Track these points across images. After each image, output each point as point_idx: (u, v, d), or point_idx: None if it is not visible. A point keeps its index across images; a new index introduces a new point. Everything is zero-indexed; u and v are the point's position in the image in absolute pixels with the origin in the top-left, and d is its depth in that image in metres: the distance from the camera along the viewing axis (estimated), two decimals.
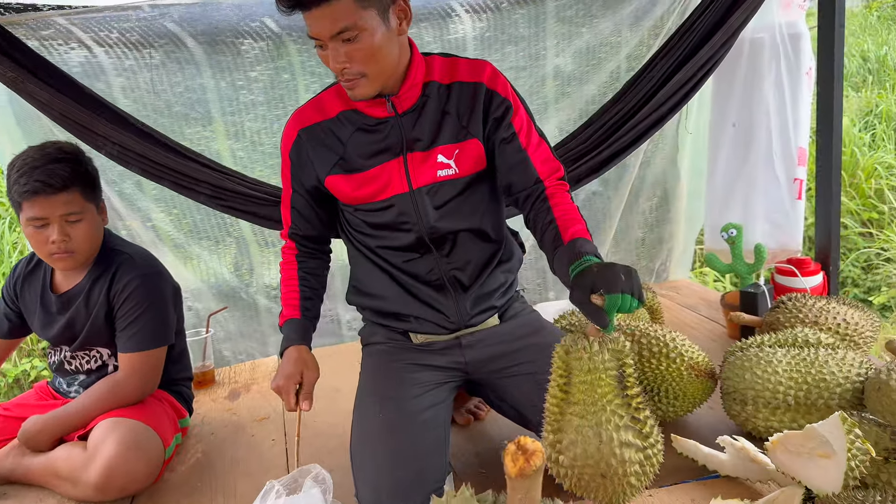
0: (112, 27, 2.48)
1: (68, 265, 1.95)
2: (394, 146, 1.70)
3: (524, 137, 1.72)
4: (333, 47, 1.52)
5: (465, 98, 1.71)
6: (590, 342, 1.35)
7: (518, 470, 0.76)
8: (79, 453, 1.88)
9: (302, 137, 1.75)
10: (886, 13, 12.05)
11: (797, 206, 2.84)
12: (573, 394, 1.36)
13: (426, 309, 1.80)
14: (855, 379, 1.74)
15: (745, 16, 2.41)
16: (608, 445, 1.31)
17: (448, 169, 1.72)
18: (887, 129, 6.84)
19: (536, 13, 2.94)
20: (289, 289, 1.85)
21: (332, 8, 1.47)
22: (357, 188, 1.73)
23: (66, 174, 1.86)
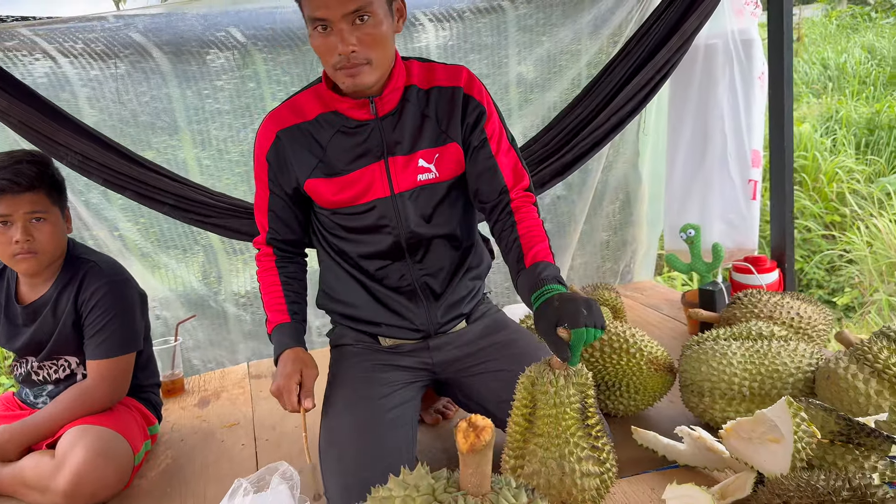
0: (77, 38, 2.49)
1: (31, 266, 1.94)
2: (375, 149, 1.70)
3: (495, 144, 1.75)
4: (343, 29, 1.50)
5: (444, 102, 1.72)
6: (555, 375, 1.39)
7: (469, 445, 0.79)
8: (47, 461, 1.87)
9: (281, 139, 1.72)
10: (845, 22, 12.37)
11: (752, 206, 2.93)
12: (538, 425, 1.39)
13: (396, 317, 1.82)
14: (806, 369, 1.80)
15: (698, 21, 2.49)
16: (570, 476, 1.36)
17: (429, 173, 1.73)
18: (847, 133, 6.99)
19: (498, 22, 3.01)
20: (272, 295, 1.82)
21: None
22: (338, 192, 1.72)
23: (32, 174, 1.88)
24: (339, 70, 1.56)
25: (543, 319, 1.45)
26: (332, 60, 1.55)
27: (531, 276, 1.58)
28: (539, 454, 1.36)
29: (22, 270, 1.97)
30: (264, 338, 3.08)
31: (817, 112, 7.83)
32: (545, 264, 1.60)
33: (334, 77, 1.60)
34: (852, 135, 6.99)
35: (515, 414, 1.43)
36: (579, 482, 1.35)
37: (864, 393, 1.66)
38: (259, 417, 2.38)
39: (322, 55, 1.57)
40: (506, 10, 2.98)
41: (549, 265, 1.60)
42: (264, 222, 1.83)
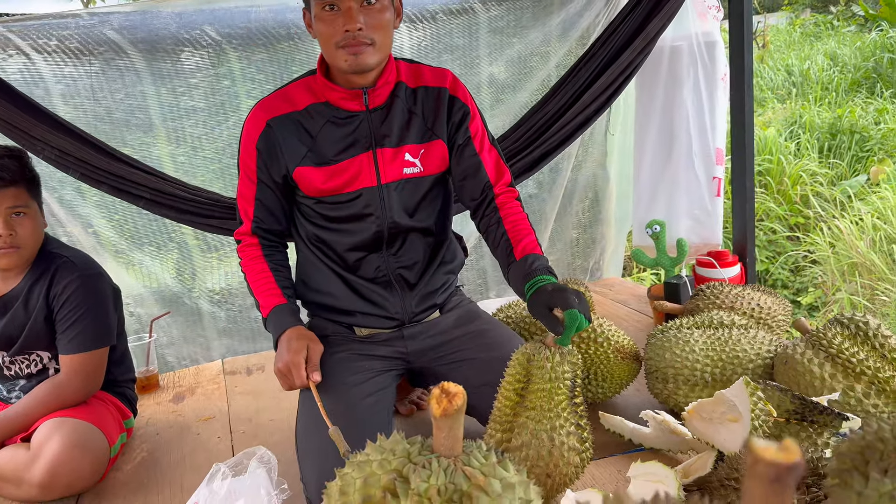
0: (51, 35, 2.50)
1: (13, 261, 1.95)
2: (363, 140, 1.76)
3: (478, 142, 1.84)
4: (351, 7, 1.57)
5: (430, 101, 1.80)
6: (551, 352, 1.45)
7: (442, 410, 0.84)
8: (22, 454, 1.87)
9: (271, 126, 1.75)
10: (809, 30, 12.67)
11: (716, 202, 3.03)
12: (530, 399, 1.45)
13: (371, 306, 1.87)
14: (765, 355, 1.88)
15: (661, 23, 2.57)
16: (559, 449, 1.43)
17: (414, 167, 1.80)
18: (811, 138, 7.14)
19: (470, 24, 3.07)
20: (263, 281, 1.83)
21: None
22: (326, 179, 1.76)
23: (14, 168, 1.90)
24: (343, 48, 1.62)
25: (538, 304, 1.55)
26: (336, 39, 1.61)
27: (522, 268, 1.68)
28: (530, 426, 1.42)
29: (4, 265, 1.97)
30: (238, 335, 3.10)
31: (782, 117, 8.01)
32: (535, 256, 1.70)
33: (335, 57, 1.65)
34: (815, 139, 7.16)
35: (506, 388, 1.48)
36: (566, 455, 1.41)
37: (819, 376, 1.74)
38: (235, 411, 2.41)
39: (326, 36, 1.62)
40: (477, 12, 3.04)
41: (538, 257, 1.70)
42: (250, 212, 1.85)
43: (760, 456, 0.38)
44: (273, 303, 1.80)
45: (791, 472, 0.38)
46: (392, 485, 0.84)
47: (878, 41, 9.16)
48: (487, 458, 0.88)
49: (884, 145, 6.84)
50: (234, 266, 3.06)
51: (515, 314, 2.35)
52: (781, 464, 0.37)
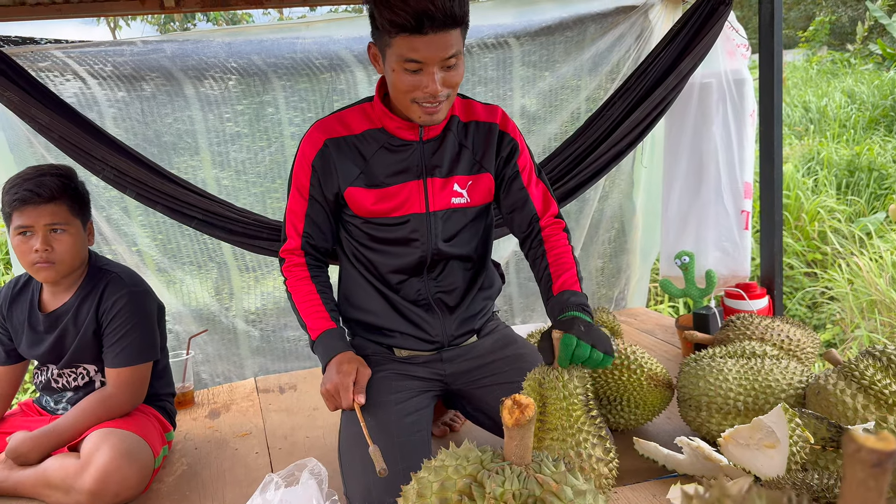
0: (107, 61, 2.61)
1: (49, 276, 2.00)
2: (415, 168, 1.83)
3: (526, 176, 1.90)
4: (434, 72, 1.61)
5: (481, 136, 1.87)
6: (559, 371, 1.52)
7: (514, 420, 0.90)
8: (72, 462, 1.92)
9: (329, 146, 1.82)
10: (826, 67, 12.76)
11: (745, 235, 3.09)
12: (549, 421, 1.51)
13: (412, 327, 1.92)
14: (797, 385, 1.92)
15: (694, 62, 2.65)
16: (588, 462, 1.48)
17: (461, 198, 1.86)
18: (828, 174, 7.16)
19: (504, 58, 3.16)
20: (311, 304, 1.86)
21: (448, 35, 1.59)
22: (377, 202, 1.83)
23: (55, 186, 1.97)
24: (419, 104, 1.67)
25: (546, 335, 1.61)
26: (414, 95, 1.66)
27: (558, 303, 1.74)
28: (556, 448, 1.47)
29: (41, 279, 2.03)
30: (271, 354, 3.16)
31: (799, 153, 8.04)
32: (571, 293, 1.76)
33: (408, 109, 1.71)
34: (833, 175, 7.18)
35: None
36: (596, 468, 1.46)
37: (852, 407, 1.77)
38: (270, 428, 2.46)
39: (404, 90, 1.66)
40: (511, 47, 3.14)
41: (575, 293, 1.76)
42: (299, 227, 1.90)
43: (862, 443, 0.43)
44: (322, 326, 1.83)
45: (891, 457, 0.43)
46: (468, 489, 0.90)
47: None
48: (557, 467, 0.93)
49: None
50: (269, 287, 3.13)
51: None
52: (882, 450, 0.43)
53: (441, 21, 1.56)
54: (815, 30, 14.32)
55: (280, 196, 2.99)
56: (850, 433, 0.45)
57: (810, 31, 14.44)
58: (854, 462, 0.45)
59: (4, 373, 2.19)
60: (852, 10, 15.99)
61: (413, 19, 1.54)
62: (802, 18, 18.06)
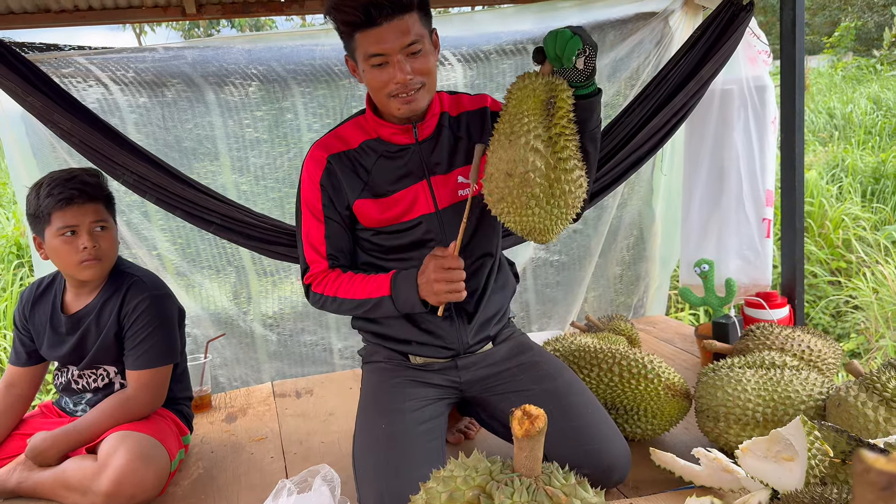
0: (129, 67, 2.65)
1: (96, 273, 2.05)
2: (416, 170, 1.84)
3: None
4: (399, 60, 1.63)
5: (474, 122, 1.89)
6: (554, 78, 1.55)
7: (524, 431, 0.89)
8: (90, 464, 1.94)
9: (332, 163, 1.84)
10: (850, 73, 12.61)
11: (766, 243, 3.05)
12: (506, 110, 1.58)
13: (428, 335, 1.91)
14: (817, 397, 1.89)
15: (714, 67, 2.63)
16: (519, 146, 1.52)
17: (467, 188, 1.86)
18: (853, 181, 7.07)
19: (521, 63, 3.16)
20: (361, 281, 1.83)
21: (403, 21, 1.61)
22: (384, 210, 1.83)
23: (95, 185, 2.04)
24: (395, 97, 1.69)
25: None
26: (388, 90, 1.68)
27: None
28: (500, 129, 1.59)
29: (87, 277, 2.06)
30: (288, 358, 3.18)
31: (823, 160, 7.95)
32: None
33: (387, 105, 1.73)
34: (858, 183, 7.08)
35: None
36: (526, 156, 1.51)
37: (874, 420, 1.74)
38: (286, 433, 2.47)
39: (378, 87, 1.69)
40: (529, 53, 3.13)
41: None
42: (322, 250, 1.88)
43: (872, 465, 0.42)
44: (383, 279, 1.80)
45: None
46: (476, 500, 0.89)
47: None
48: (567, 479, 0.92)
49: None
50: (287, 291, 3.15)
51: (563, 347, 2.39)
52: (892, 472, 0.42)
53: (389, 8, 1.59)
54: (840, 35, 14.15)
55: None
56: (859, 453, 0.44)
57: (835, 36, 14.27)
58: (863, 484, 0.44)
59: (24, 374, 2.22)
60: (879, 15, 15.78)
61: (362, 14, 1.58)
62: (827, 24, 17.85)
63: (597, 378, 2.10)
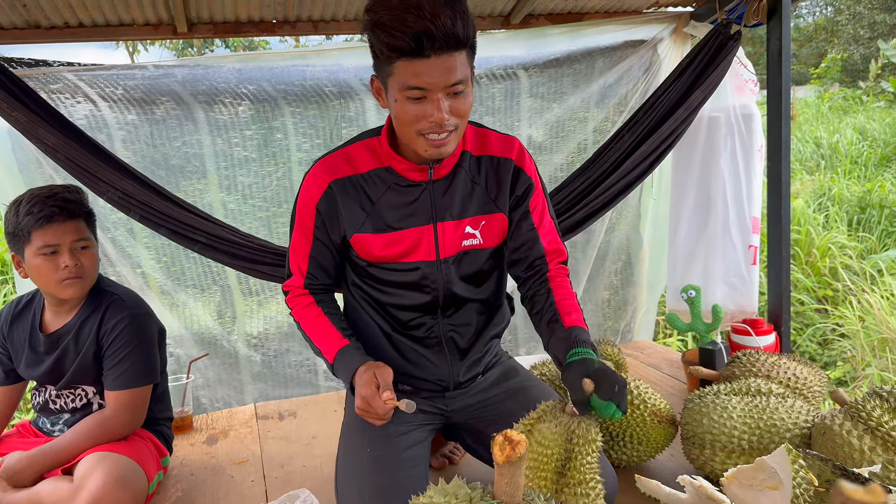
0: (118, 84, 2.64)
1: (77, 291, 2.02)
2: (424, 212, 1.72)
3: (537, 217, 1.81)
4: (439, 99, 1.50)
5: (495, 172, 1.76)
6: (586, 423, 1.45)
7: (505, 457, 0.88)
8: (65, 486, 1.90)
9: (333, 189, 1.71)
10: (837, 104, 12.79)
11: (753, 270, 3.06)
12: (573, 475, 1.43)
13: (417, 369, 1.86)
14: (803, 425, 1.88)
15: (703, 95, 2.66)
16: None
17: (473, 239, 1.77)
18: (839, 210, 7.13)
19: (512, 88, 3.18)
20: (321, 327, 1.78)
21: (453, 58, 1.47)
22: (385, 246, 1.73)
23: (76, 202, 2.01)
24: (424, 136, 1.55)
25: (575, 371, 1.51)
26: (419, 127, 1.54)
27: (568, 337, 1.64)
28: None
29: (69, 295, 2.03)
30: (272, 380, 3.14)
31: (810, 189, 8.02)
32: (581, 329, 1.67)
33: (413, 142, 1.59)
34: (844, 212, 7.15)
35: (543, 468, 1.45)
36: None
37: (859, 449, 1.74)
38: (268, 456, 2.43)
39: (408, 121, 1.55)
40: (520, 78, 3.16)
41: (584, 331, 1.67)
42: (303, 267, 1.82)
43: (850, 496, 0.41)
44: (337, 346, 1.74)
45: None
46: None
47: None
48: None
49: None
50: (272, 311, 3.12)
51: (550, 371, 2.38)
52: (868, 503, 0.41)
53: (443, 42, 1.44)
54: (827, 66, 14.38)
55: (286, 221, 2.99)
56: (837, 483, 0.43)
57: (822, 67, 14.50)
58: None
59: (2, 393, 2.18)
60: (864, 48, 16.06)
61: (412, 41, 1.43)
62: (815, 55, 18.15)
63: None
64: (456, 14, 1.44)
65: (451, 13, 1.43)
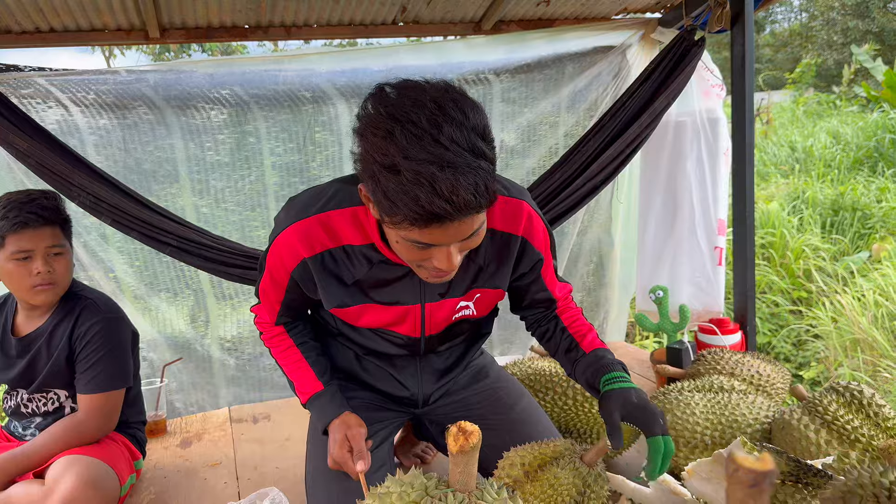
0: (90, 89, 2.65)
1: (48, 298, 2.02)
2: (412, 291, 1.59)
3: (549, 279, 1.74)
4: (450, 252, 1.30)
5: (496, 249, 1.59)
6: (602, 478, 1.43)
7: (458, 447, 0.91)
8: (36, 489, 1.90)
9: (308, 265, 1.54)
10: (812, 108, 12.98)
11: (718, 271, 3.12)
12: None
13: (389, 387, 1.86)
14: (763, 420, 1.93)
15: (667, 101, 2.72)
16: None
17: (466, 311, 1.68)
18: (813, 213, 7.23)
19: (484, 93, 3.22)
20: (293, 363, 1.73)
21: (474, 218, 1.26)
22: (365, 318, 1.64)
23: (52, 209, 2.01)
24: (426, 269, 1.38)
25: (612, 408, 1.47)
26: (421, 265, 1.37)
27: (596, 362, 1.60)
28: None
29: (40, 301, 2.03)
30: (246, 383, 3.15)
31: (785, 192, 8.13)
32: (605, 351, 1.63)
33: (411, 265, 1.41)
34: (818, 214, 7.26)
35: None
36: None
37: (816, 442, 1.79)
38: (241, 458, 2.44)
39: (411, 260, 1.37)
40: (491, 83, 3.20)
41: (608, 352, 1.63)
42: (275, 308, 1.71)
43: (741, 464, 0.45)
44: (309, 390, 1.70)
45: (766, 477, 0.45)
46: None
47: (880, 122, 9.39)
48: (500, 494, 0.94)
49: (885, 223, 6.93)
50: (246, 315, 3.13)
51: (521, 371, 2.41)
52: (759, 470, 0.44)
53: (461, 216, 1.21)
54: (801, 72, 14.58)
55: (258, 225, 3.01)
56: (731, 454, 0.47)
57: (797, 72, 14.71)
58: (734, 482, 0.46)
59: None
60: (838, 53, 16.31)
61: (423, 220, 1.20)
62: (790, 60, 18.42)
63: (551, 402, 2.13)
64: (485, 188, 1.20)
65: (478, 188, 1.19)
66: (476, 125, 1.21)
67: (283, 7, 2.72)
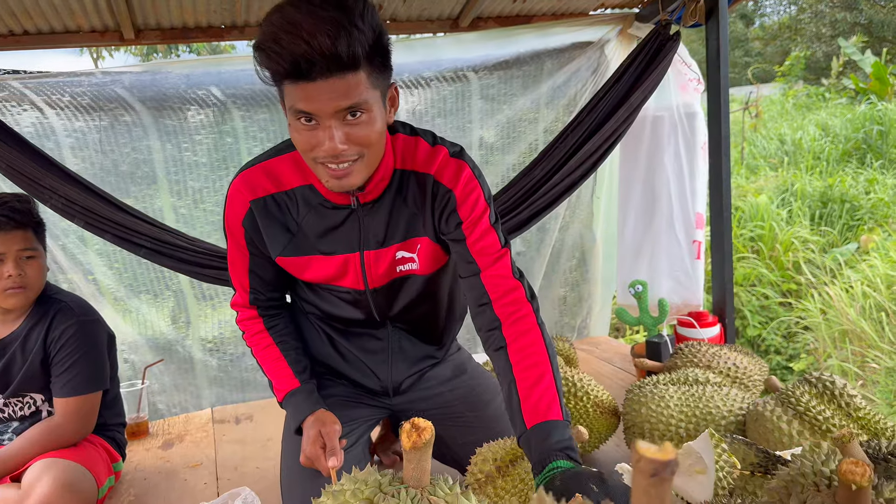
0: (64, 91, 2.64)
1: (20, 301, 2.02)
2: (350, 238, 1.60)
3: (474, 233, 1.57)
4: (331, 126, 1.32)
5: (417, 190, 1.59)
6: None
7: (412, 443, 0.91)
8: (12, 494, 1.90)
9: (253, 210, 1.58)
10: (801, 101, 13.02)
11: (697, 265, 3.13)
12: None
13: (359, 374, 1.87)
14: (738, 412, 1.94)
15: (644, 95, 2.72)
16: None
17: (412, 263, 1.64)
18: (802, 205, 7.26)
19: (463, 90, 3.22)
20: (272, 361, 1.74)
21: (345, 81, 1.27)
22: (310, 271, 1.65)
23: (24, 212, 2.00)
24: (324, 165, 1.38)
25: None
26: (314, 154, 1.37)
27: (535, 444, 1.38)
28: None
29: (11, 305, 2.02)
30: (228, 384, 3.15)
31: (774, 184, 8.16)
32: (552, 425, 1.38)
33: (314, 170, 1.42)
34: (807, 207, 7.29)
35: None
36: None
37: (788, 433, 1.80)
38: (222, 458, 2.44)
39: (303, 149, 1.38)
40: (470, 80, 3.20)
41: (556, 426, 1.38)
42: (245, 283, 1.72)
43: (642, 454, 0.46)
44: (286, 387, 1.71)
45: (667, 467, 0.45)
46: None
47: (868, 114, 9.43)
48: (452, 489, 0.94)
49: (874, 214, 6.96)
50: (227, 315, 3.13)
51: None
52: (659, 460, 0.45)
53: (324, 65, 1.25)
54: (791, 64, 14.62)
55: None
56: (635, 444, 0.48)
57: (786, 65, 14.75)
58: (637, 472, 0.47)
59: None
60: (826, 45, 16.35)
61: (289, 65, 1.26)
62: (779, 53, 18.46)
63: None
64: (340, 32, 1.24)
65: (332, 31, 1.24)
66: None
67: (259, 6, 2.72)
